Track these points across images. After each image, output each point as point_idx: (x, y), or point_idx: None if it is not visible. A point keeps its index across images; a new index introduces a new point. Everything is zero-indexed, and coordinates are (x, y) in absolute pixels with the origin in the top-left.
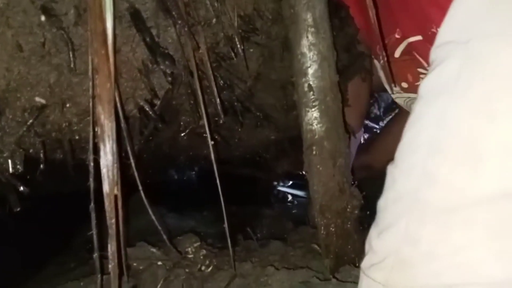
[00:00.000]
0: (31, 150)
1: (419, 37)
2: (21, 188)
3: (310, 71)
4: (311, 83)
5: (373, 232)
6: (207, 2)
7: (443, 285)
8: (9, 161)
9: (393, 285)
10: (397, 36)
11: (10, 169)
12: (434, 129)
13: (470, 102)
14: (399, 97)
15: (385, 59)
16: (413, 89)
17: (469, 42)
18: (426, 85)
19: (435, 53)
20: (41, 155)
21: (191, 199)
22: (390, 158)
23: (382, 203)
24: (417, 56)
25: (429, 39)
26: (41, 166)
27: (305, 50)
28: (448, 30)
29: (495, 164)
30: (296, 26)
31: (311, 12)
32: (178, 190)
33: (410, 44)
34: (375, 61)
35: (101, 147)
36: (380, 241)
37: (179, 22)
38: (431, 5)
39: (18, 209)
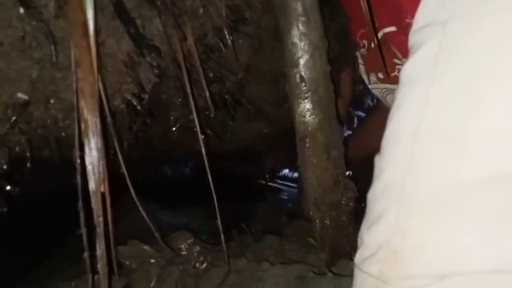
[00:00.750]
0: (16, 149)
1: (393, 28)
2: (8, 188)
3: (302, 61)
4: (302, 73)
5: (364, 225)
6: None
7: (434, 276)
8: None
9: (387, 277)
10: None
11: None
12: (416, 116)
13: (450, 86)
14: (376, 88)
15: (367, 47)
16: (389, 79)
17: (446, 23)
18: (405, 70)
19: (413, 38)
20: (28, 154)
21: (184, 195)
22: (370, 151)
23: (371, 195)
24: (392, 47)
25: (403, 30)
26: (28, 164)
27: (296, 40)
28: (425, 13)
29: (479, 149)
30: (286, 16)
31: (301, 1)
32: (171, 186)
33: (385, 34)
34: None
35: (86, 143)
36: (371, 234)
37: (164, 12)
38: None
39: (4, 210)
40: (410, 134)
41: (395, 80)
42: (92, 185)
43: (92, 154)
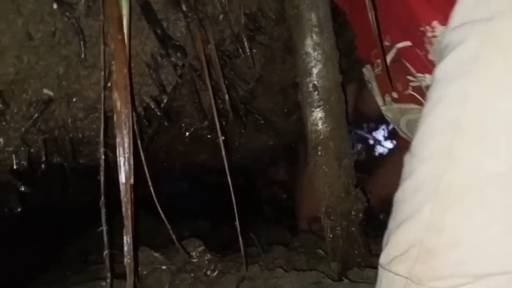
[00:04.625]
0: (32, 149)
1: (407, 43)
2: (22, 188)
3: (315, 70)
4: (316, 82)
5: (391, 225)
6: None
7: (470, 275)
8: (13, 156)
9: (418, 276)
10: (386, 43)
11: (14, 165)
12: (456, 110)
13: (488, 80)
14: (390, 109)
15: (381, 67)
16: (403, 98)
17: (489, 21)
18: (442, 68)
19: (449, 36)
20: (43, 155)
21: (185, 209)
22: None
23: (400, 195)
24: (406, 62)
25: (418, 42)
26: (42, 166)
27: (310, 49)
28: (461, 13)
29: (506, 140)
30: (300, 26)
31: (315, 12)
32: (171, 200)
33: (399, 50)
34: (366, 71)
35: (118, 134)
36: (401, 233)
37: (189, 15)
38: (418, 2)
39: (19, 209)
40: (449, 129)
41: (409, 99)
42: (122, 177)
43: (124, 146)
